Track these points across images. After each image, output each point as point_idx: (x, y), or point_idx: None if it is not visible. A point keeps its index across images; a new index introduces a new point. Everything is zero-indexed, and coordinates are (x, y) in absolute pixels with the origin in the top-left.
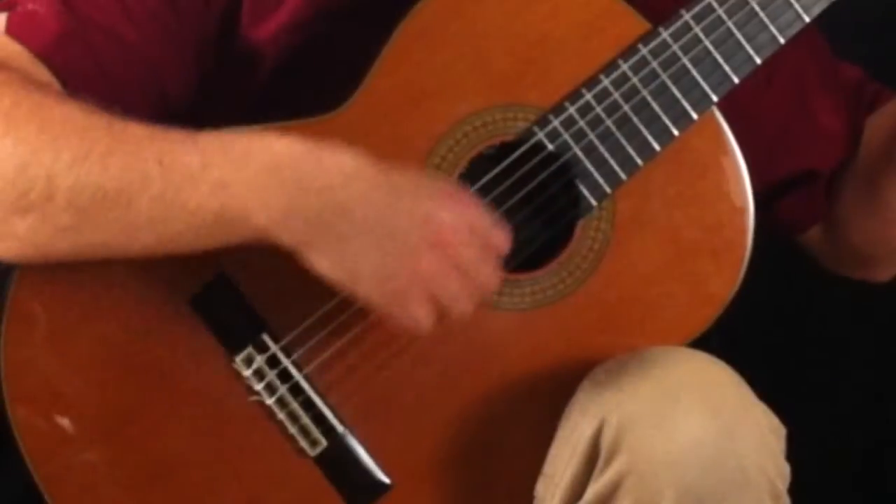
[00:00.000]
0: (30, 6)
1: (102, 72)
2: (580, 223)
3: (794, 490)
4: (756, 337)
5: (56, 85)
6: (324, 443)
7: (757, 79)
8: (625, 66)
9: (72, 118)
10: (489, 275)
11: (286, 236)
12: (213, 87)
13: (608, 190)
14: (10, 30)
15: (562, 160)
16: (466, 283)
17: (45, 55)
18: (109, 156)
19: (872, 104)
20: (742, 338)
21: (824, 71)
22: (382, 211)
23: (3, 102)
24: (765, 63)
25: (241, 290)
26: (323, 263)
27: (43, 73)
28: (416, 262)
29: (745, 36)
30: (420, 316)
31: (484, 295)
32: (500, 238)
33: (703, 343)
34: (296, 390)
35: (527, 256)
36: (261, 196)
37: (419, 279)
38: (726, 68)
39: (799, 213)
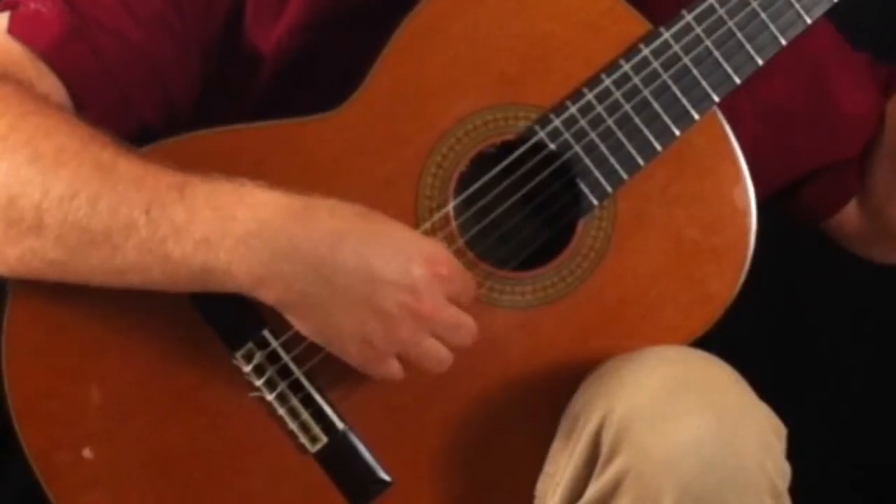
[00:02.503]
0: (32, 6)
1: (106, 72)
2: (581, 222)
3: (794, 490)
4: (757, 337)
5: (59, 86)
6: (324, 439)
7: (777, 75)
8: (626, 66)
9: (65, 150)
10: (466, 335)
11: (268, 298)
12: (214, 88)
13: (609, 189)
14: (13, 30)
15: (563, 159)
16: (442, 346)
17: (48, 56)
18: (98, 198)
19: (890, 82)
20: (743, 337)
21: (840, 58)
22: (365, 280)
23: (0, 125)
24: (783, 59)
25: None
26: (303, 326)
27: (46, 73)
28: (395, 330)
29: (746, 37)
30: (394, 372)
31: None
32: (470, 293)
33: (704, 343)
34: (296, 386)
35: (528, 255)
36: (244, 259)
37: (397, 344)
38: (727, 69)
39: (827, 198)
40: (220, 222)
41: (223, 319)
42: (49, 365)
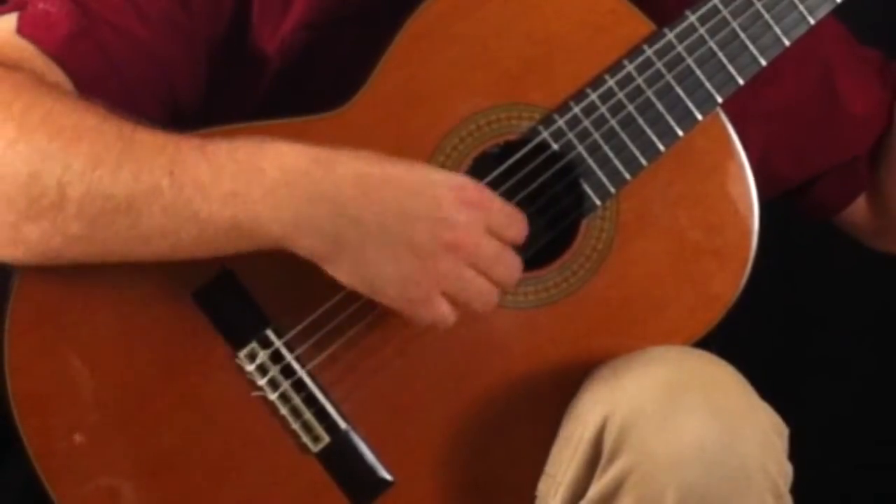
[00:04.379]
0: (41, 6)
1: (115, 71)
2: (584, 222)
3: (796, 490)
4: (758, 337)
5: (68, 85)
6: (326, 439)
7: (786, 76)
8: (630, 67)
9: (83, 125)
10: (508, 268)
11: (301, 247)
12: (219, 87)
13: (612, 189)
14: (22, 30)
15: (566, 159)
16: (486, 280)
17: (57, 55)
18: (120, 166)
19: None
20: (745, 338)
21: (849, 56)
22: (397, 217)
23: (15, 106)
24: (792, 59)
25: (245, 284)
26: (341, 273)
27: (55, 72)
28: (434, 266)
29: (749, 37)
30: (443, 314)
31: (506, 288)
32: (517, 228)
33: (705, 343)
34: (299, 386)
35: (530, 255)
36: (273, 208)
37: (439, 281)
38: (731, 69)
39: (836, 195)
40: (245, 175)
41: (226, 318)
42: (51, 363)
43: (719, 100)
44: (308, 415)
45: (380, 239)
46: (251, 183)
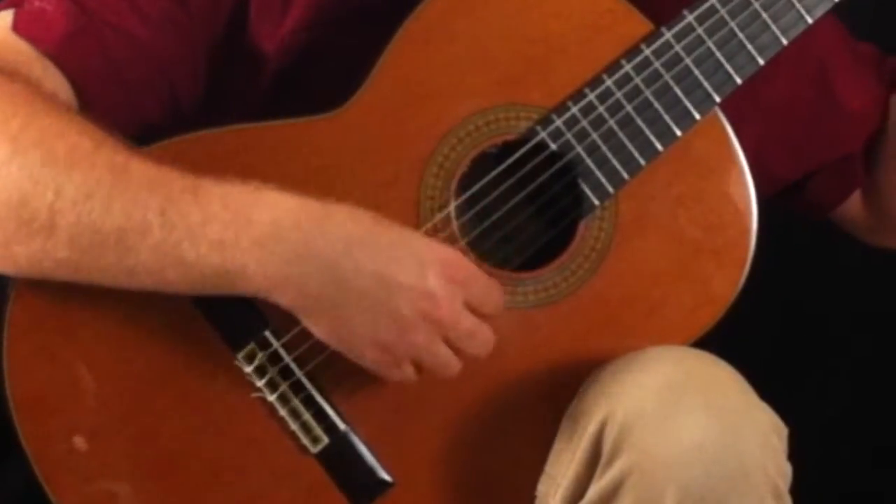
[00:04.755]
0: (37, 4)
1: (113, 70)
2: (582, 223)
3: (795, 490)
4: (757, 337)
5: (66, 87)
6: (325, 440)
7: (781, 73)
8: (628, 67)
9: (78, 150)
10: (481, 343)
11: (283, 300)
12: (219, 87)
13: (611, 190)
14: (18, 28)
15: (565, 159)
16: (456, 352)
17: (54, 54)
18: (112, 199)
19: (895, 75)
20: (744, 338)
21: (844, 52)
22: (382, 284)
23: (12, 124)
24: (787, 57)
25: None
26: (318, 329)
27: (52, 74)
28: (410, 335)
29: (747, 37)
30: (405, 376)
31: (476, 357)
32: (494, 303)
33: (704, 343)
34: (298, 387)
35: (529, 256)
36: (259, 261)
37: (412, 351)
38: (729, 69)
39: (831, 192)
40: (235, 224)
41: (225, 320)
42: (50, 364)
43: (717, 99)
44: (307, 416)
45: (362, 303)
46: (240, 233)
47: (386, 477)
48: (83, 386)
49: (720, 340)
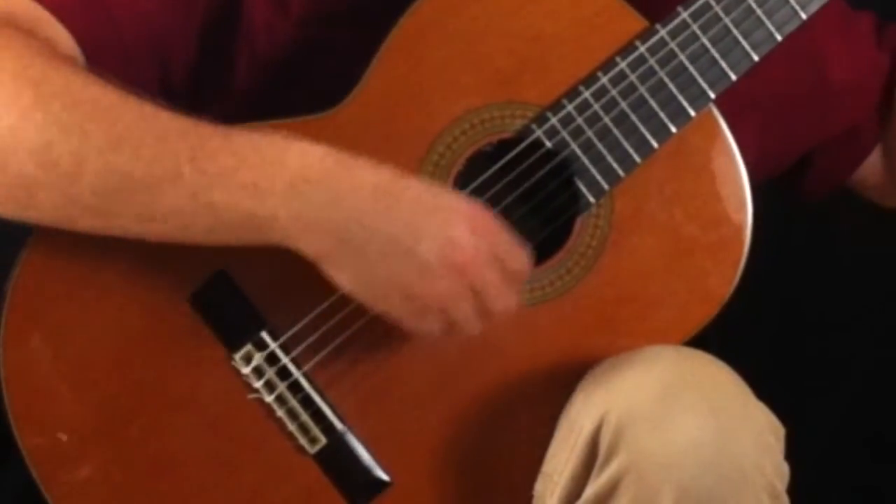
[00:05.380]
0: None
1: (120, 41)
2: (578, 220)
3: (792, 490)
4: (755, 336)
5: (76, 51)
6: (323, 440)
7: (776, 58)
8: (623, 64)
9: (103, 100)
10: (506, 299)
11: (309, 247)
12: (210, 83)
13: (606, 187)
14: None
15: (560, 157)
16: (482, 307)
17: (65, 18)
18: (141, 144)
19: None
20: (741, 337)
21: (837, 25)
22: (407, 231)
23: (31, 72)
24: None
25: (240, 286)
26: (342, 277)
27: (61, 35)
28: (435, 284)
29: (742, 33)
30: (432, 330)
31: (500, 316)
32: (522, 262)
33: (702, 342)
34: (295, 388)
35: None
36: (290, 205)
37: (437, 300)
38: (723, 65)
39: (839, 165)
40: (267, 168)
41: (222, 320)
42: (47, 367)
43: (712, 96)
44: (305, 416)
45: (387, 249)
46: (273, 176)
47: (384, 476)
48: (80, 387)
49: (718, 340)
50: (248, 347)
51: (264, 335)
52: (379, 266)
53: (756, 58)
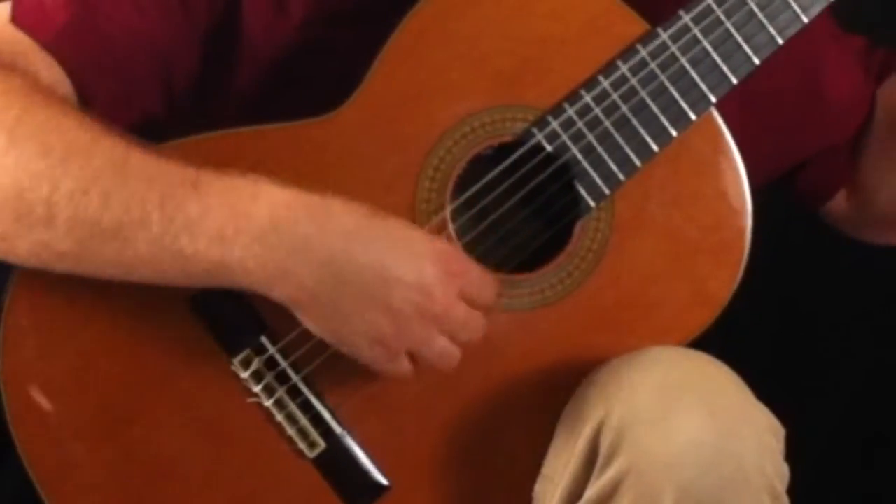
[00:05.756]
0: None
1: (111, 62)
2: (579, 224)
3: (792, 491)
4: (756, 337)
5: (65, 80)
6: (322, 444)
7: (767, 64)
8: (624, 68)
9: (75, 144)
10: (473, 332)
11: (279, 295)
12: (212, 87)
13: (607, 191)
14: (17, 20)
15: (560, 161)
16: (452, 344)
17: (53, 46)
18: (110, 192)
19: (884, 67)
20: (741, 338)
21: (831, 43)
22: (378, 279)
23: (7, 116)
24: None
25: (240, 291)
26: (314, 324)
27: (51, 67)
28: (406, 330)
29: (743, 37)
30: (405, 370)
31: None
32: (489, 295)
33: (704, 343)
34: (294, 392)
35: (526, 257)
36: (259, 256)
37: (407, 343)
38: (725, 69)
39: (820, 185)
40: (234, 219)
41: (221, 325)
42: (46, 370)
43: (713, 100)
44: (304, 421)
45: (358, 298)
46: (239, 228)
47: (382, 480)
48: (79, 392)
49: (719, 341)
50: (248, 352)
51: (263, 339)
52: (352, 316)
53: (757, 61)
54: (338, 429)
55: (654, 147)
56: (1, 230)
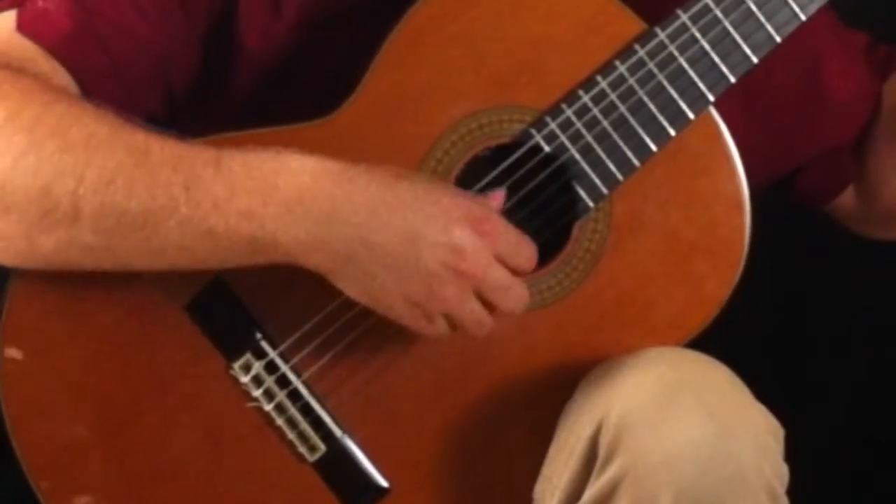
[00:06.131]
0: (40, 3)
1: (115, 67)
2: (577, 224)
3: (792, 491)
4: (754, 338)
5: (73, 85)
6: (322, 448)
7: (769, 64)
8: (622, 68)
9: (96, 137)
10: (514, 299)
11: (313, 264)
12: (210, 89)
13: (605, 191)
14: (23, 27)
15: (559, 162)
16: (484, 308)
17: (58, 52)
18: (135, 181)
19: (887, 63)
20: (740, 338)
21: (834, 42)
22: (408, 241)
23: (25, 116)
24: (776, 49)
25: (238, 295)
26: (349, 288)
27: (59, 72)
28: (439, 290)
29: (741, 35)
30: (440, 330)
31: (511, 314)
32: (527, 256)
33: (701, 344)
34: (294, 396)
35: None
36: (287, 227)
37: (443, 304)
38: (723, 68)
39: (823, 185)
40: (261, 192)
41: (220, 329)
42: (46, 373)
43: (711, 98)
44: (304, 424)
45: (389, 260)
46: (267, 200)
47: (383, 483)
48: (77, 396)
49: (718, 341)
50: (248, 356)
51: (263, 344)
52: (384, 278)
53: (755, 60)
54: (338, 432)
55: (653, 146)
56: (25, 230)
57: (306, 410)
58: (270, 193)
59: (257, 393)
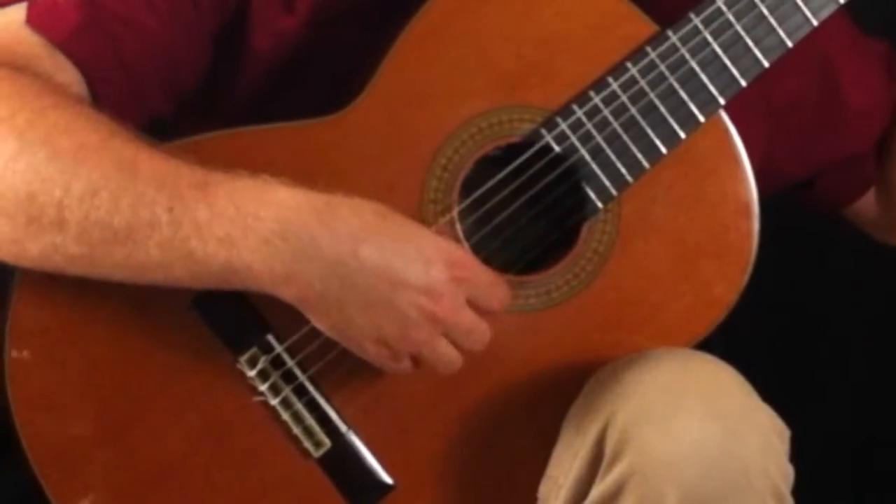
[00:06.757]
0: None
1: (123, 62)
2: (586, 225)
3: (797, 492)
4: (760, 339)
5: (78, 80)
6: (327, 444)
7: (789, 73)
8: (633, 70)
9: (85, 146)
10: (478, 340)
11: (287, 296)
12: (219, 86)
13: (614, 192)
14: (31, 21)
15: (568, 162)
16: (454, 350)
17: (66, 46)
18: (119, 196)
19: None
20: (746, 340)
21: (852, 50)
22: (385, 281)
23: (18, 119)
24: (795, 56)
25: (244, 291)
26: (320, 322)
27: (64, 67)
28: (412, 333)
29: (753, 39)
30: (404, 368)
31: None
32: (499, 300)
33: (707, 345)
34: (300, 391)
35: (532, 258)
36: (264, 258)
37: (414, 346)
38: (734, 71)
39: (842, 190)
40: (242, 221)
41: (226, 324)
42: (51, 371)
43: (722, 102)
44: (310, 420)
45: (365, 300)
46: (247, 231)
47: (387, 479)
48: (84, 391)
49: (723, 342)
50: (254, 350)
51: (269, 338)
52: (356, 317)
53: (767, 64)
54: (343, 428)
55: (663, 149)
56: (12, 234)
57: (312, 406)
58: (251, 224)
59: (263, 387)
